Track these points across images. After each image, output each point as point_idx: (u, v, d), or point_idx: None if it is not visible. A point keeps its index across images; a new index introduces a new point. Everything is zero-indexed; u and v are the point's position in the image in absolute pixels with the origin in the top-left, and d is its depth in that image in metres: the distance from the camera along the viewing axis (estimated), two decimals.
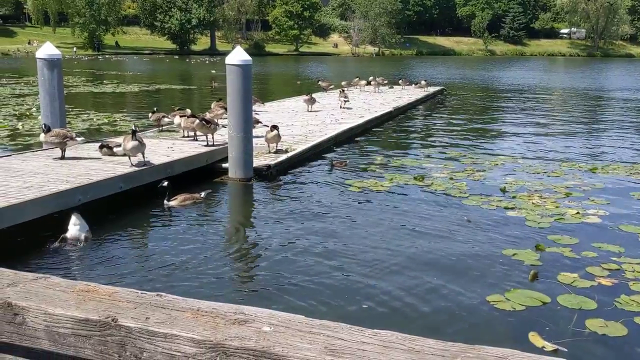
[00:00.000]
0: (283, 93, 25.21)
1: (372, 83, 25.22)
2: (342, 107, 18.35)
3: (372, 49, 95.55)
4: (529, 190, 9.58)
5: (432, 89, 26.64)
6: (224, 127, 10.80)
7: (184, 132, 11.55)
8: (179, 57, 72.57)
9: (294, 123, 14.96)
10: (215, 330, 1.34)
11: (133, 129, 8.82)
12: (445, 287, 5.81)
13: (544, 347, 4.54)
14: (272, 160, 10.50)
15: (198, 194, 8.67)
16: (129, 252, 6.73)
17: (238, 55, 9.70)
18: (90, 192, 7.63)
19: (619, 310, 5.31)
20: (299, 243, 6.98)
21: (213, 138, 10.82)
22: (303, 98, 18.07)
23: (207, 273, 6.05)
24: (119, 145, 9.09)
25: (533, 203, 8.81)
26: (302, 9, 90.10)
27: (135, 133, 8.67)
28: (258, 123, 12.18)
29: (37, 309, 1.46)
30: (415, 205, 8.70)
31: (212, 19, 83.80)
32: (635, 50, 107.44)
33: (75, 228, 6.72)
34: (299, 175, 10.42)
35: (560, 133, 16.75)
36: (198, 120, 10.75)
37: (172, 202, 8.38)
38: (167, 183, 8.44)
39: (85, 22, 76.78)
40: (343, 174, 10.52)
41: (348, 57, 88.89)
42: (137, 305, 1.46)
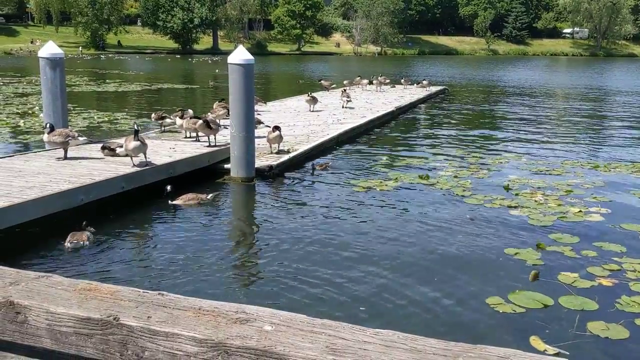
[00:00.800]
0: (285, 93, 25.21)
1: (374, 82, 25.21)
2: (344, 106, 18.34)
3: (374, 49, 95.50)
4: (532, 188, 9.59)
5: (434, 89, 26.62)
6: (226, 127, 10.80)
7: (186, 132, 11.55)
8: (181, 56, 72.57)
9: (296, 123, 14.95)
10: (217, 329, 1.34)
11: (135, 129, 8.83)
12: (448, 286, 5.81)
13: (546, 350, 4.52)
14: (274, 161, 10.49)
15: (204, 195, 8.60)
16: (131, 251, 6.74)
17: (240, 55, 9.69)
18: (93, 192, 7.64)
19: (620, 312, 5.29)
20: (301, 242, 6.98)
21: (215, 139, 10.82)
22: (305, 98, 18.08)
23: (208, 272, 6.06)
24: (121, 146, 9.10)
25: (536, 201, 8.81)
26: (304, 9, 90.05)
27: (138, 133, 8.68)
28: (260, 124, 12.17)
29: (39, 308, 1.46)
30: (419, 204, 8.69)
31: (214, 18, 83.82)
32: (638, 50, 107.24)
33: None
34: (301, 176, 10.42)
35: (563, 132, 16.74)
36: (200, 121, 10.75)
37: (176, 200, 8.38)
38: (169, 187, 8.42)
39: (88, 21, 76.95)
40: (344, 174, 10.52)
41: (350, 56, 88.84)
42: (138, 304, 1.47)
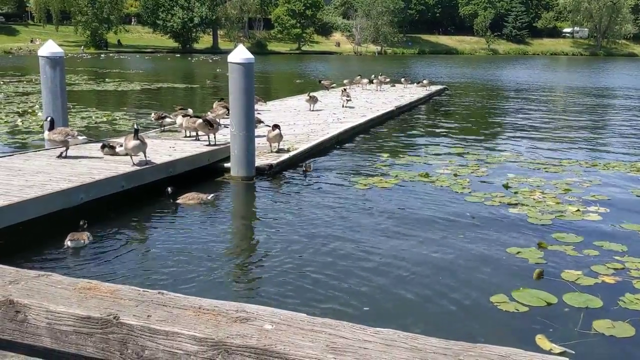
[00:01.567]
0: (285, 92, 25.20)
1: (374, 82, 25.20)
2: (344, 106, 18.33)
3: (374, 48, 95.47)
4: (531, 186, 9.59)
5: (434, 88, 26.61)
6: (226, 126, 10.80)
7: (186, 132, 11.56)
8: (181, 55, 72.53)
9: (296, 122, 14.95)
10: (217, 328, 1.34)
11: (135, 128, 8.82)
12: (450, 285, 5.80)
13: (552, 349, 4.50)
14: (274, 160, 10.49)
15: (205, 195, 8.58)
16: (131, 250, 6.74)
17: (241, 54, 9.69)
18: (93, 190, 7.64)
19: (625, 310, 5.29)
20: (302, 241, 6.98)
21: (215, 138, 10.83)
22: (305, 97, 18.07)
23: (208, 271, 6.06)
24: (121, 145, 9.10)
25: (534, 199, 8.81)
26: (304, 8, 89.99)
27: (137, 132, 8.67)
28: (260, 123, 12.18)
29: (38, 307, 1.46)
30: (419, 202, 8.71)
31: (214, 18, 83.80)
32: (639, 50, 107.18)
33: None
34: (302, 174, 10.41)
35: (563, 131, 16.73)
36: (200, 120, 10.76)
37: (178, 200, 8.37)
38: (170, 189, 8.41)
39: (88, 20, 76.93)
40: (346, 173, 10.52)
41: (350, 55, 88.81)
42: (138, 303, 1.46)
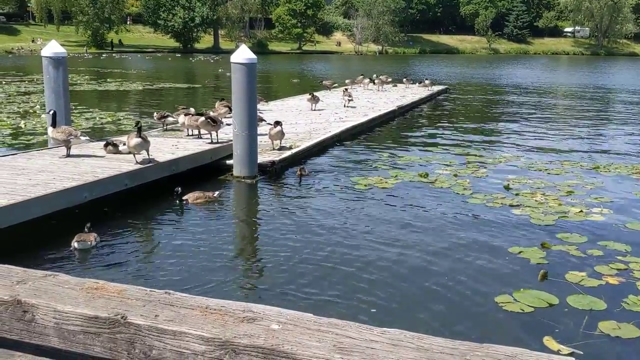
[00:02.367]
0: (287, 92, 25.19)
1: (375, 81, 25.19)
2: (345, 106, 18.32)
3: (375, 48, 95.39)
4: (532, 188, 9.57)
5: (436, 88, 26.58)
6: (228, 125, 10.81)
7: (188, 130, 11.57)
8: (182, 55, 72.51)
9: (298, 121, 14.95)
10: (224, 328, 1.34)
11: (138, 126, 8.82)
12: (455, 286, 5.79)
13: (560, 350, 4.49)
14: (276, 157, 10.50)
15: (211, 193, 8.60)
16: (137, 249, 6.74)
17: (243, 54, 9.69)
18: (96, 189, 7.65)
19: (629, 311, 5.28)
20: (305, 240, 6.98)
21: (217, 135, 10.84)
22: (307, 97, 18.07)
23: (215, 271, 6.06)
24: (124, 143, 9.10)
25: (536, 200, 8.80)
26: (305, 8, 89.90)
27: (140, 130, 8.67)
28: (262, 121, 12.18)
29: (46, 307, 1.47)
30: (420, 203, 8.70)
31: (215, 17, 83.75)
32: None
33: None
34: (297, 179, 10.39)
35: (564, 131, 16.71)
36: (202, 118, 10.77)
37: (185, 197, 8.36)
38: (179, 189, 8.40)
39: (89, 20, 76.92)
40: (346, 174, 10.52)
41: (351, 55, 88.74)
42: (146, 303, 1.47)
